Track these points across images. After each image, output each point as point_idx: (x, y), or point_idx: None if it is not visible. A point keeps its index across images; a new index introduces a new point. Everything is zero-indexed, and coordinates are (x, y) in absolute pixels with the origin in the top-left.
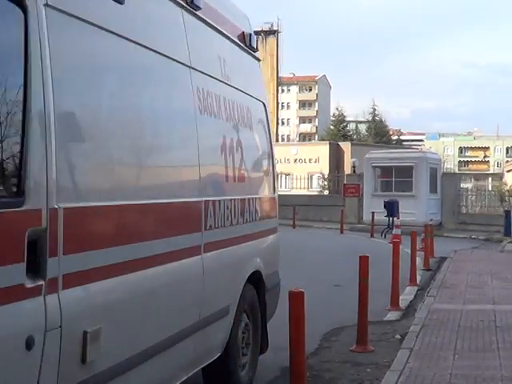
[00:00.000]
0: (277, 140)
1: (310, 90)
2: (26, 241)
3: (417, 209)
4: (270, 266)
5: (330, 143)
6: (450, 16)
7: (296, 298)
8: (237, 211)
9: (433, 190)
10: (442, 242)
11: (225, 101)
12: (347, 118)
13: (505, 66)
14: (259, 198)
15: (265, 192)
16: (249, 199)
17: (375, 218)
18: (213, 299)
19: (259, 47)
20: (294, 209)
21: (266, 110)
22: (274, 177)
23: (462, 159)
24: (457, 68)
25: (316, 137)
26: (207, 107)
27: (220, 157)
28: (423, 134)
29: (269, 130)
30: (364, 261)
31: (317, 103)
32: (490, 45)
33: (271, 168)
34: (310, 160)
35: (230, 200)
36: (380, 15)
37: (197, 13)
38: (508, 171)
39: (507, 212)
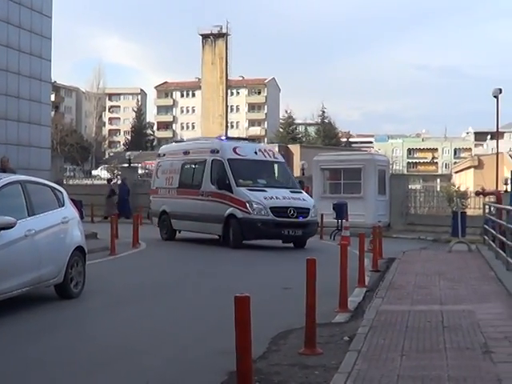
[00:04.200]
0: None
1: (259, 92)
2: None
3: (365, 210)
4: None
5: (279, 146)
6: (401, 18)
7: (241, 303)
8: None
9: (381, 191)
10: (390, 243)
11: None
12: (296, 121)
13: (455, 69)
14: None
15: None
16: None
17: (324, 220)
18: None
19: (208, 50)
20: None
21: None
22: None
23: (410, 161)
24: (408, 70)
25: (265, 139)
26: None
27: None
28: (372, 136)
29: None
30: (311, 264)
31: (266, 106)
32: (441, 47)
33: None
34: None
35: None
36: (329, 18)
37: None
38: (456, 172)
39: (455, 213)
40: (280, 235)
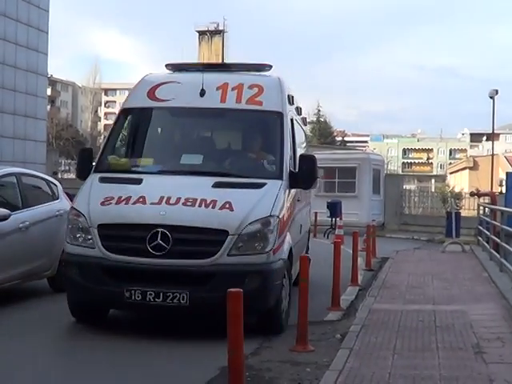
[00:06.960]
0: None
1: None
2: None
3: (360, 209)
4: None
5: None
6: (399, 17)
7: (234, 298)
8: None
9: (376, 190)
10: (384, 242)
11: None
12: None
13: (451, 69)
14: None
15: None
16: None
17: (318, 218)
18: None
19: (204, 47)
20: None
21: None
22: None
23: (405, 161)
24: (404, 71)
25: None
26: None
27: None
28: (367, 136)
29: None
30: (304, 261)
31: None
32: (437, 48)
33: None
34: None
35: None
36: (327, 17)
37: None
38: (451, 173)
39: (449, 213)
40: (121, 302)
